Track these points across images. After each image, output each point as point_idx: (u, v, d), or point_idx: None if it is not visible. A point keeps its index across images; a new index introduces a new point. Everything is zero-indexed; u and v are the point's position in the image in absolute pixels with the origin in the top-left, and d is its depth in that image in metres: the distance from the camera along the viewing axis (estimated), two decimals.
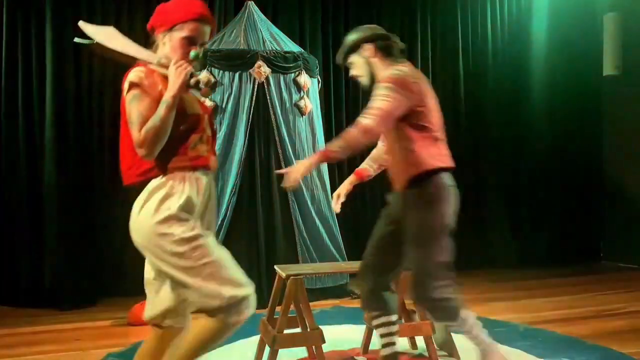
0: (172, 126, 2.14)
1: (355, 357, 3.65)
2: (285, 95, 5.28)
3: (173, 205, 2.14)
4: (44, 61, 5.40)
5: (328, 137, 6.09)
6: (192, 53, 2.22)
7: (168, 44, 2.25)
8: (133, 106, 2.13)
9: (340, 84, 6.61)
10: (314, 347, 3.33)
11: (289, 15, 6.31)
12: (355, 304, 5.18)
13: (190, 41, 2.23)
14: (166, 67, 2.19)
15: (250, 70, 5.13)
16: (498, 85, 7.05)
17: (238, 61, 5.14)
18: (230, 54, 5.15)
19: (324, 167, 5.59)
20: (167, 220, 2.13)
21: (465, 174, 6.87)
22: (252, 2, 5.55)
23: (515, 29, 7.20)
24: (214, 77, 5.09)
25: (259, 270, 5.10)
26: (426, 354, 3.58)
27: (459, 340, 3.73)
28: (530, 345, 3.76)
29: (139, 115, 2.11)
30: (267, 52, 5.22)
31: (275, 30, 5.58)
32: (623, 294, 5.44)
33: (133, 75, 2.17)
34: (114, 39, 2.23)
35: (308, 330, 3.32)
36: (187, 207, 2.17)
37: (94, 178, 5.60)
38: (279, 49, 5.33)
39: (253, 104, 5.15)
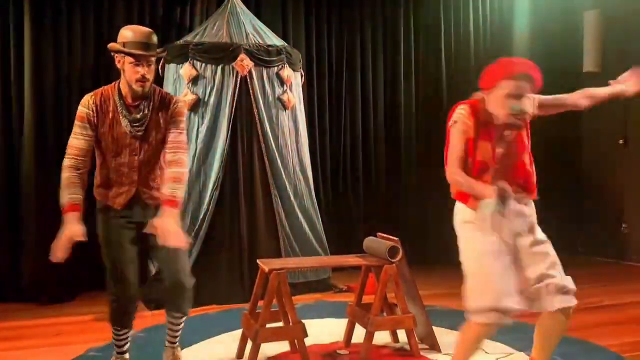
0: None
1: (338, 351, 3.67)
2: (268, 89, 5.25)
3: None
4: (22, 56, 5.30)
5: (311, 131, 6.09)
6: (515, 107, 2.57)
7: (491, 100, 2.63)
8: (453, 135, 2.70)
9: (323, 78, 6.59)
10: (296, 340, 3.33)
11: (272, 9, 6.28)
12: (338, 298, 5.19)
13: (510, 96, 2.57)
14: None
15: (233, 64, 5.10)
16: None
17: (221, 54, 5.10)
18: (213, 46, 5.12)
19: (307, 161, 5.58)
20: None
21: None
22: None
23: (497, 26, 7.24)
24: (196, 69, 5.07)
25: (241, 264, 5.08)
26: (407, 347, 3.60)
27: (440, 333, 3.77)
28: (511, 339, 3.79)
29: (454, 147, 2.66)
30: (250, 46, 5.18)
31: (258, 23, 5.55)
32: (600, 287, 5.50)
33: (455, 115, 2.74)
34: None
35: (290, 324, 3.33)
36: None
37: None
38: (262, 42, 5.31)
39: (236, 98, 5.12)
